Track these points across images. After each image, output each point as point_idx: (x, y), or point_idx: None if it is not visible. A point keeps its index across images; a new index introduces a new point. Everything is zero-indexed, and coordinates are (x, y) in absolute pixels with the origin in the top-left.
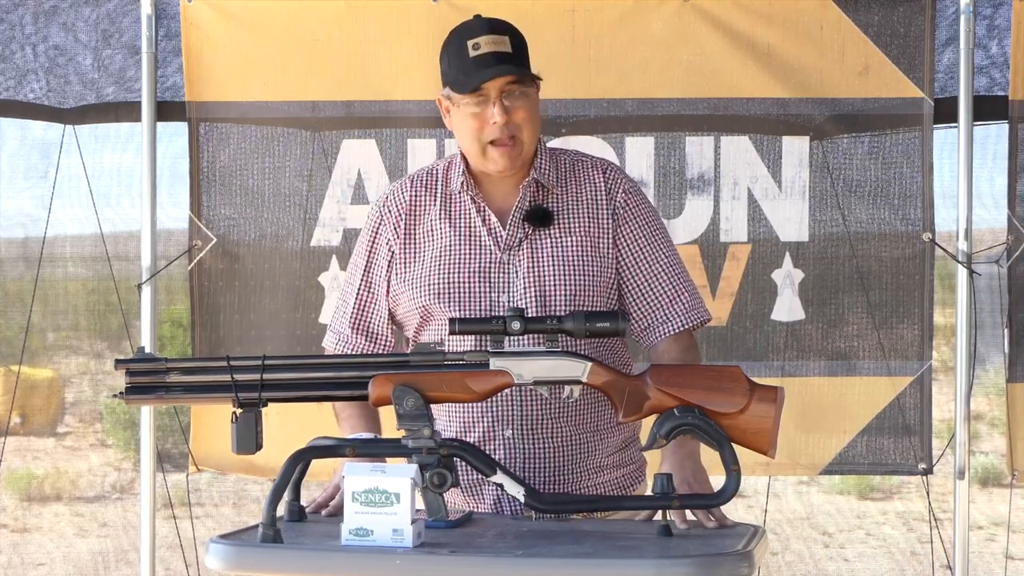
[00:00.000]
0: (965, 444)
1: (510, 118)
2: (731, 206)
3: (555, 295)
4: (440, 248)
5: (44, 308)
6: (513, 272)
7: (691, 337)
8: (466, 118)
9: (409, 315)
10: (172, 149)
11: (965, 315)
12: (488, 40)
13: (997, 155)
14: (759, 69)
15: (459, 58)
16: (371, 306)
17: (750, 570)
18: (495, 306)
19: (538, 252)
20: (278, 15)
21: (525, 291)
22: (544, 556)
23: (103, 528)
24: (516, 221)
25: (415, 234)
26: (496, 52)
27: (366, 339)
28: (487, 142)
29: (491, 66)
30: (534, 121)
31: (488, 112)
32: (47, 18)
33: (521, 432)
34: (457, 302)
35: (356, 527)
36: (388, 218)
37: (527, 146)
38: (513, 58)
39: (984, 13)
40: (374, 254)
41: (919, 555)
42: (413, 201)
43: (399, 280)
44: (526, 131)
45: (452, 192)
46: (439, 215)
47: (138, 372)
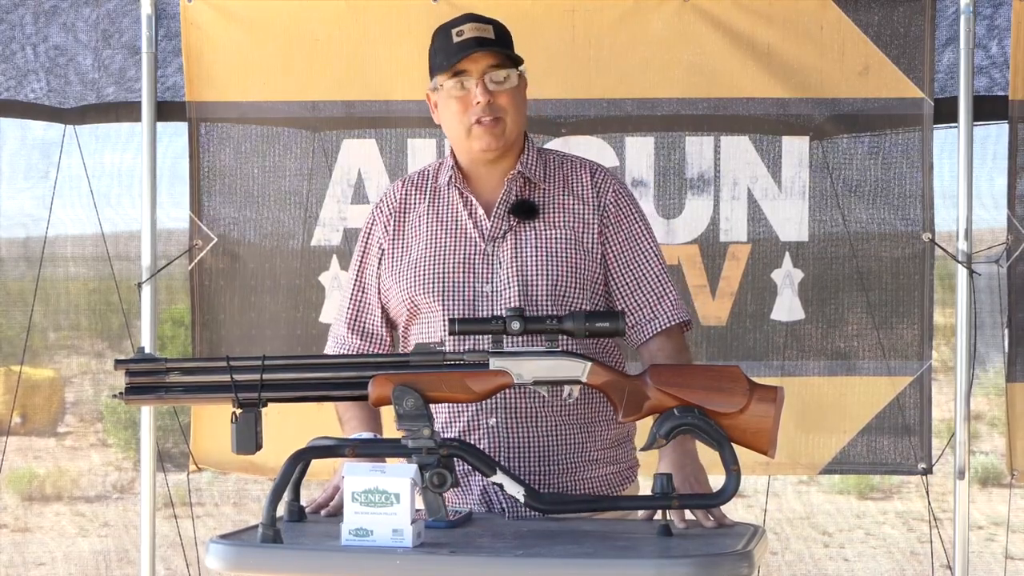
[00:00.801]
0: (965, 444)
1: (493, 99)
2: (731, 206)
3: (537, 286)
4: (425, 241)
5: (45, 308)
6: (497, 263)
7: (682, 337)
8: (450, 102)
9: (399, 310)
10: (172, 149)
11: (965, 315)
12: (472, 27)
13: (997, 155)
14: (759, 69)
15: (444, 45)
16: (364, 306)
17: (750, 570)
18: (479, 296)
19: (522, 243)
20: (278, 15)
21: (508, 282)
22: (544, 556)
23: (104, 527)
24: (501, 213)
25: (403, 230)
26: (478, 37)
27: (361, 339)
28: (471, 123)
29: (473, 48)
30: (518, 108)
31: (471, 94)
32: (47, 18)
33: (505, 421)
34: (440, 292)
35: (356, 527)
36: (380, 218)
37: (510, 128)
38: (495, 43)
39: (984, 13)
40: (367, 255)
41: (919, 555)
42: (404, 200)
43: (388, 275)
44: (510, 115)
45: (440, 187)
46: (427, 210)
47: (138, 372)
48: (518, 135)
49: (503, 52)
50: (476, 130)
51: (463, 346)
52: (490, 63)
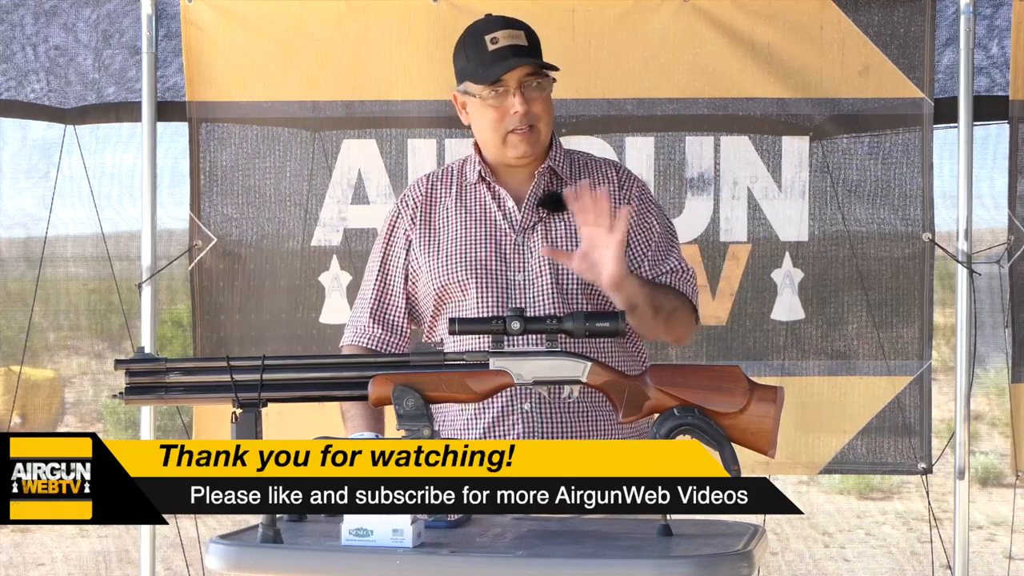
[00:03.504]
0: (965, 444)
1: (529, 108)
2: (731, 206)
3: (569, 275)
4: (456, 230)
5: (45, 308)
6: (528, 253)
7: (692, 312)
8: (486, 110)
9: (426, 301)
10: (173, 149)
11: (965, 315)
12: (506, 34)
13: (997, 155)
14: (759, 69)
15: (478, 52)
16: (388, 297)
17: (750, 570)
18: (511, 285)
19: (552, 234)
20: (278, 15)
21: (540, 271)
22: (544, 556)
23: (104, 528)
24: (531, 205)
25: (431, 221)
26: (514, 45)
27: (383, 329)
28: (507, 131)
29: (509, 58)
30: (549, 112)
31: (508, 102)
32: (48, 18)
33: (539, 406)
34: (475, 278)
35: (356, 527)
36: (405, 211)
37: (543, 135)
38: (530, 51)
39: (984, 13)
40: (391, 246)
41: (919, 555)
42: (429, 193)
43: (416, 264)
44: (543, 121)
45: (468, 184)
46: (455, 204)
47: (138, 372)
48: (548, 136)
49: (538, 62)
50: (512, 139)
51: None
52: (526, 72)
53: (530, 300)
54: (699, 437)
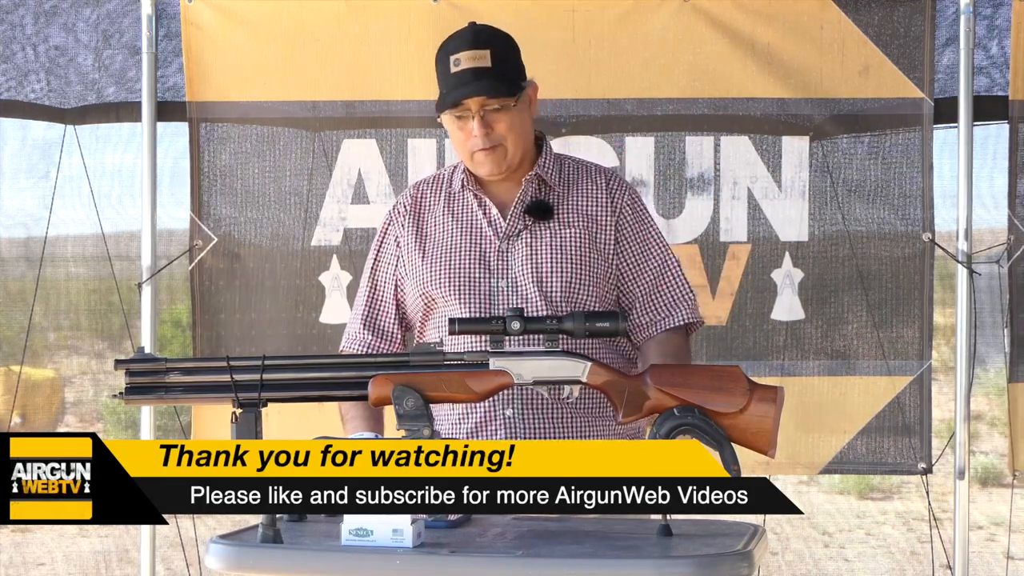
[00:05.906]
0: (965, 444)
1: (492, 130)
2: (731, 206)
3: (552, 282)
4: (442, 238)
5: (45, 308)
6: (512, 260)
7: (687, 337)
8: (454, 130)
9: (415, 307)
10: (173, 149)
11: (965, 315)
12: (468, 56)
13: (997, 155)
14: (759, 69)
15: (443, 73)
16: (378, 303)
17: (750, 570)
18: (495, 292)
19: (537, 241)
20: (278, 15)
21: (523, 278)
22: (544, 556)
23: (104, 527)
24: (517, 213)
25: (421, 228)
26: (474, 68)
27: (375, 336)
28: (472, 151)
29: (468, 83)
30: (518, 128)
31: (468, 126)
32: (48, 18)
33: (521, 412)
34: (457, 287)
35: (356, 527)
36: (396, 218)
37: (512, 152)
38: (492, 72)
39: (984, 13)
40: (382, 253)
41: (919, 555)
42: (418, 200)
43: (405, 272)
44: (509, 139)
45: (455, 191)
46: (443, 211)
47: (138, 372)
48: (525, 151)
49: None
50: (478, 157)
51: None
52: (485, 99)
53: (514, 307)
54: (699, 437)
